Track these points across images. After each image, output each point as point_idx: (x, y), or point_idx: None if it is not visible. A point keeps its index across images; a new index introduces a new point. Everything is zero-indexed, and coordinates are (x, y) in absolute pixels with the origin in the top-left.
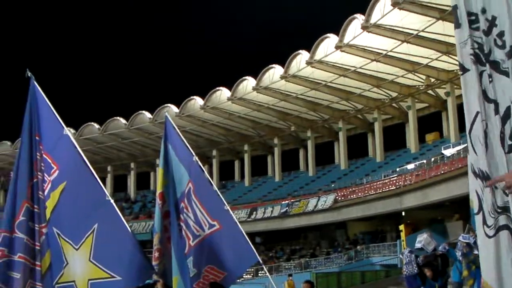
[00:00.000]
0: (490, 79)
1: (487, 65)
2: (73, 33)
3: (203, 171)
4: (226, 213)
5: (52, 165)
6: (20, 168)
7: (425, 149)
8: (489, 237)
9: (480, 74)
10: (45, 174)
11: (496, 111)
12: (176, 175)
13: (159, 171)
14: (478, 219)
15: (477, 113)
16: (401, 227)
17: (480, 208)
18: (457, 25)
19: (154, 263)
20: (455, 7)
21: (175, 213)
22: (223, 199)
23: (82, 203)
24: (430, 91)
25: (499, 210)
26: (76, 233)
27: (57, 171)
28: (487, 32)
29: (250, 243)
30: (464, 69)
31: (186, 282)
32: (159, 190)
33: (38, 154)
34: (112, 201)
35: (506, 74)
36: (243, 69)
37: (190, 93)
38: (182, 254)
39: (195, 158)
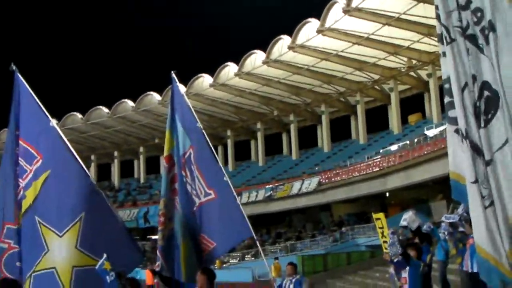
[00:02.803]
0: (469, 54)
1: (466, 40)
2: (54, 24)
3: (206, 139)
4: (225, 184)
5: (36, 154)
6: (8, 162)
7: (408, 130)
8: (485, 207)
9: (465, 46)
10: (26, 164)
11: (473, 86)
12: (179, 137)
13: (167, 133)
14: (473, 189)
15: (466, 84)
16: (377, 215)
17: (476, 179)
18: None
19: (159, 227)
20: None
21: (181, 175)
22: (223, 170)
23: (67, 192)
24: (412, 73)
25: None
26: (60, 220)
27: (40, 161)
28: (465, 7)
29: (246, 218)
30: (451, 39)
31: (196, 245)
32: (166, 153)
33: (16, 148)
34: (101, 191)
35: (481, 50)
36: (225, 55)
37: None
38: (190, 217)
39: (199, 124)
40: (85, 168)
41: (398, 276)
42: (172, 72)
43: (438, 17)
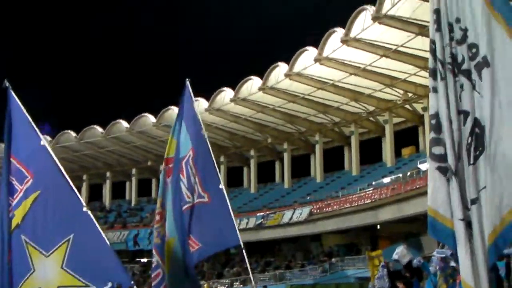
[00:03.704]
0: (462, 89)
1: (460, 75)
2: (50, 40)
3: (208, 146)
4: (220, 191)
5: (26, 174)
6: (4, 181)
7: (401, 163)
8: (470, 244)
9: (454, 84)
10: (17, 183)
11: (464, 122)
12: (181, 141)
13: (170, 137)
14: (461, 226)
15: (457, 120)
16: (367, 253)
17: (464, 216)
18: (439, 29)
19: (155, 225)
20: (437, 11)
21: (176, 176)
22: (220, 178)
23: (56, 213)
24: (407, 106)
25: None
26: (48, 241)
27: (31, 180)
28: (460, 42)
29: (236, 226)
30: (441, 77)
31: (183, 243)
32: (166, 155)
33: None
34: (89, 212)
35: (473, 86)
36: (221, 81)
37: (168, 103)
38: (180, 215)
39: (204, 131)
40: (75, 189)
41: None
42: (187, 79)
43: (433, 51)
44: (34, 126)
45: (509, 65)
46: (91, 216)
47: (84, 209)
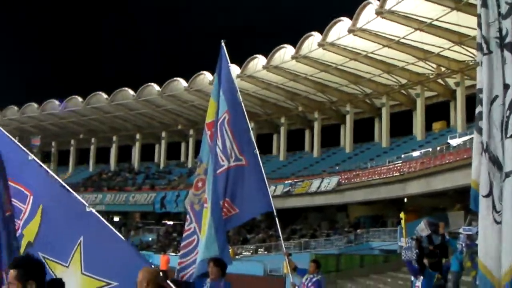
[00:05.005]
0: (505, 63)
1: (504, 49)
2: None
3: (243, 109)
4: (255, 156)
5: (26, 192)
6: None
7: (431, 138)
8: (497, 223)
9: (502, 58)
10: (21, 204)
11: (505, 95)
12: (220, 105)
13: (211, 100)
14: (486, 202)
15: (496, 96)
16: (402, 215)
17: (490, 192)
18: (484, 4)
19: (195, 192)
20: None
21: (215, 138)
22: (254, 142)
23: (62, 221)
24: (439, 80)
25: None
26: (63, 251)
27: (31, 197)
28: (506, 15)
29: (269, 192)
30: (489, 51)
31: (215, 208)
32: (208, 119)
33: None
34: (93, 210)
35: None
36: (255, 48)
37: (200, 68)
38: (214, 179)
39: (239, 94)
40: (72, 191)
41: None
42: (222, 41)
43: (479, 26)
44: (18, 143)
45: None
46: (96, 214)
47: (87, 209)
